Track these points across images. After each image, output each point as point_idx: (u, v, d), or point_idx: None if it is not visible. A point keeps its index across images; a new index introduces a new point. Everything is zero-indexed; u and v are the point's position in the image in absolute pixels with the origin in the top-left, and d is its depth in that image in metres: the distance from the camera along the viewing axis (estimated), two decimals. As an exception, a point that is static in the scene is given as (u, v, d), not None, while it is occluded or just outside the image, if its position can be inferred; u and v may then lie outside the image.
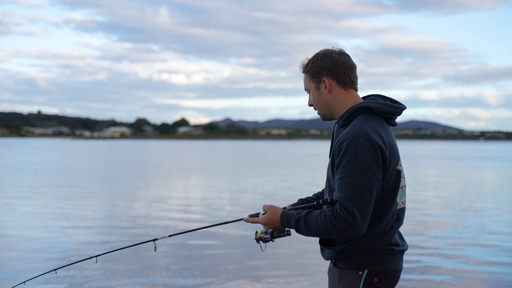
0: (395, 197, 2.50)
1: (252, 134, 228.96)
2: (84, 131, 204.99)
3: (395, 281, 2.54)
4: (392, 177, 2.47)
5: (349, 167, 2.37)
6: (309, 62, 2.61)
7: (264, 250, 2.71)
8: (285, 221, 2.52)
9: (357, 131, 2.41)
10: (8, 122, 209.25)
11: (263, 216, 2.59)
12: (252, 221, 2.64)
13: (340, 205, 2.37)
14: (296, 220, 2.48)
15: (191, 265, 7.53)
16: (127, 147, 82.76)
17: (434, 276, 7.12)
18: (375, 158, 2.37)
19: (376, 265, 2.48)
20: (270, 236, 2.61)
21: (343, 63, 2.56)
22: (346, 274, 2.51)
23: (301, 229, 2.47)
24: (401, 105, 2.61)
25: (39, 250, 8.37)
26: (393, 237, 2.52)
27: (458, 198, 16.66)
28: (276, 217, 2.55)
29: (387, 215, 2.48)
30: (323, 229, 2.40)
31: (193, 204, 14.66)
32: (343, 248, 2.49)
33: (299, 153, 63.63)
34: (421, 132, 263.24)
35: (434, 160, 45.77)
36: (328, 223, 2.38)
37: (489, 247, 9.02)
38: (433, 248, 8.95)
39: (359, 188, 2.35)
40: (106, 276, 6.93)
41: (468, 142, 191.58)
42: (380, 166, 2.39)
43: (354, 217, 2.34)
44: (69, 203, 14.57)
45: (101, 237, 9.61)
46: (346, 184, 2.37)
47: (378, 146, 2.39)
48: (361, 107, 2.52)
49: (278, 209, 2.57)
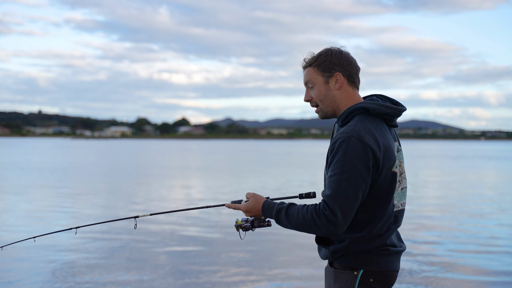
0: (391, 199, 2.47)
1: (253, 134, 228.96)
2: (84, 130, 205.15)
3: (392, 281, 2.52)
4: (386, 179, 2.45)
5: (338, 166, 2.36)
6: (321, 56, 2.56)
7: (243, 238, 2.73)
8: (266, 210, 2.52)
9: (350, 131, 2.39)
10: (9, 122, 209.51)
11: (245, 203, 2.58)
12: (234, 207, 2.63)
13: (323, 202, 2.37)
14: (277, 210, 2.48)
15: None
16: (128, 147, 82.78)
17: (434, 277, 7.10)
18: (365, 160, 2.35)
19: (371, 265, 2.46)
20: (250, 225, 2.61)
21: (354, 63, 2.58)
22: (342, 274, 2.49)
23: (281, 220, 2.46)
24: (401, 106, 2.58)
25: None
26: (389, 238, 2.50)
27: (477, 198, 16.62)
28: (258, 205, 2.54)
29: (383, 217, 2.46)
30: (303, 223, 2.39)
31: (194, 203, 14.64)
32: (338, 248, 2.48)
33: (301, 152, 63.59)
34: (422, 131, 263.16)
35: (439, 160, 45.71)
36: (309, 218, 2.37)
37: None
38: (441, 248, 8.93)
39: (344, 187, 2.34)
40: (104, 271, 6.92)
41: (469, 142, 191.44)
42: (369, 169, 2.37)
43: (335, 215, 2.33)
44: (71, 201, 14.55)
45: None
46: (332, 183, 2.36)
47: (370, 149, 2.37)
48: (358, 108, 2.50)
49: (261, 198, 2.56)
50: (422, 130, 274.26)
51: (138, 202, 14.96)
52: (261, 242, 9.04)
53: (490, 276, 7.18)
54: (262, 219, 2.60)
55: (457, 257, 8.25)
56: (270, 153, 61.28)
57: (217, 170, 29.82)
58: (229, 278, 6.92)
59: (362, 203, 2.42)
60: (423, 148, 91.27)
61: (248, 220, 2.62)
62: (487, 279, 7.08)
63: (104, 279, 6.82)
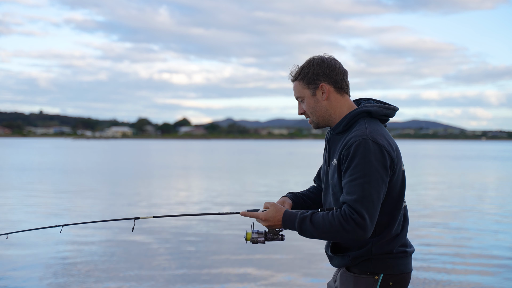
0: (403, 197, 2.52)
1: (254, 134, 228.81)
2: (85, 131, 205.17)
3: (407, 283, 2.57)
4: (399, 178, 2.49)
5: (358, 170, 2.36)
6: (303, 68, 2.56)
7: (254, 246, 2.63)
8: (287, 220, 2.44)
9: (363, 134, 2.40)
10: (10, 122, 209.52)
11: (265, 212, 2.50)
12: (251, 216, 2.54)
13: (349, 207, 2.35)
14: (301, 219, 2.42)
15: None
16: (129, 147, 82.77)
17: (439, 275, 7.10)
18: (382, 161, 2.38)
19: (391, 268, 2.49)
20: (263, 238, 2.49)
21: (339, 68, 2.56)
22: (362, 279, 2.50)
23: (305, 228, 2.41)
24: (394, 106, 2.63)
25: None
26: (405, 237, 2.54)
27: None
28: (278, 215, 2.47)
29: (398, 216, 2.49)
30: (331, 229, 2.36)
31: (200, 203, 14.64)
32: (360, 253, 2.48)
33: (305, 153, 63.45)
34: (423, 131, 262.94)
35: (443, 160, 45.68)
36: (336, 223, 2.35)
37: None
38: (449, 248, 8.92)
39: (368, 190, 2.34)
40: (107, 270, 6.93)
41: (470, 142, 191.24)
42: (387, 170, 2.39)
43: (363, 219, 2.33)
44: (73, 200, 14.57)
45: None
46: (355, 187, 2.35)
47: (385, 150, 2.39)
48: (361, 112, 2.52)
49: (281, 207, 2.50)
50: (423, 130, 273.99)
51: (140, 202, 14.96)
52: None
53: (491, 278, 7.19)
54: (275, 231, 2.51)
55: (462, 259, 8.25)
56: (273, 153, 61.18)
57: (233, 171, 29.80)
58: (229, 278, 6.94)
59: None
60: (425, 148, 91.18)
61: (259, 233, 2.51)
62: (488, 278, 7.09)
63: (104, 279, 6.83)
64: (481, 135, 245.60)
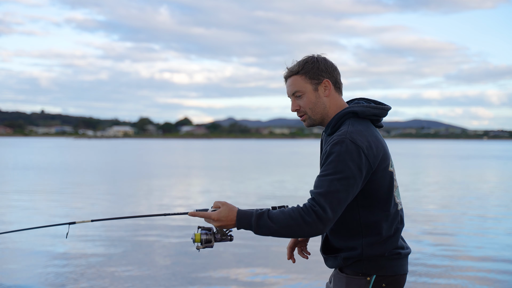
0: (392, 198, 2.47)
1: (255, 133, 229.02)
2: (87, 130, 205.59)
3: (402, 285, 2.53)
4: (385, 179, 2.45)
5: (331, 167, 2.34)
6: (307, 63, 2.53)
7: (200, 251, 2.52)
8: (242, 218, 2.34)
9: (343, 134, 2.40)
10: (11, 122, 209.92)
11: (217, 212, 2.37)
12: (201, 216, 2.40)
13: (312, 200, 2.32)
14: (257, 215, 2.33)
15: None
16: (131, 147, 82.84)
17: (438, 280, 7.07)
18: (358, 162, 2.34)
19: (384, 270, 2.46)
20: (212, 238, 2.38)
21: (336, 68, 2.59)
22: (354, 280, 2.48)
23: (262, 225, 2.31)
24: (386, 105, 2.60)
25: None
26: (399, 239, 2.51)
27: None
28: (231, 214, 2.35)
29: (388, 217, 2.46)
30: (290, 222, 2.29)
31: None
32: (351, 254, 2.46)
33: (307, 152, 63.38)
34: (424, 131, 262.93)
35: (447, 159, 45.65)
36: (296, 215, 2.29)
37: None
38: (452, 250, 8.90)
39: (336, 186, 2.31)
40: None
41: (472, 141, 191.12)
42: (361, 171, 2.36)
43: (325, 212, 2.28)
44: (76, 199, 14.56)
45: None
46: (323, 181, 2.33)
47: (362, 151, 2.36)
48: (347, 113, 2.50)
49: (234, 206, 2.39)
50: (425, 129, 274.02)
51: (140, 201, 14.95)
52: (260, 239, 9.01)
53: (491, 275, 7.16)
54: (224, 232, 2.41)
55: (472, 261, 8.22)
56: (276, 152, 61.19)
57: (239, 169, 29.81)
58: (228, 278, 6.91)
59: (365, 206, 2.43)
60: (428, 148, 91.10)
61: (209, 233, 2.40)
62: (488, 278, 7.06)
63: (104, 279, 6.81)
64: (482, 134, 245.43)
